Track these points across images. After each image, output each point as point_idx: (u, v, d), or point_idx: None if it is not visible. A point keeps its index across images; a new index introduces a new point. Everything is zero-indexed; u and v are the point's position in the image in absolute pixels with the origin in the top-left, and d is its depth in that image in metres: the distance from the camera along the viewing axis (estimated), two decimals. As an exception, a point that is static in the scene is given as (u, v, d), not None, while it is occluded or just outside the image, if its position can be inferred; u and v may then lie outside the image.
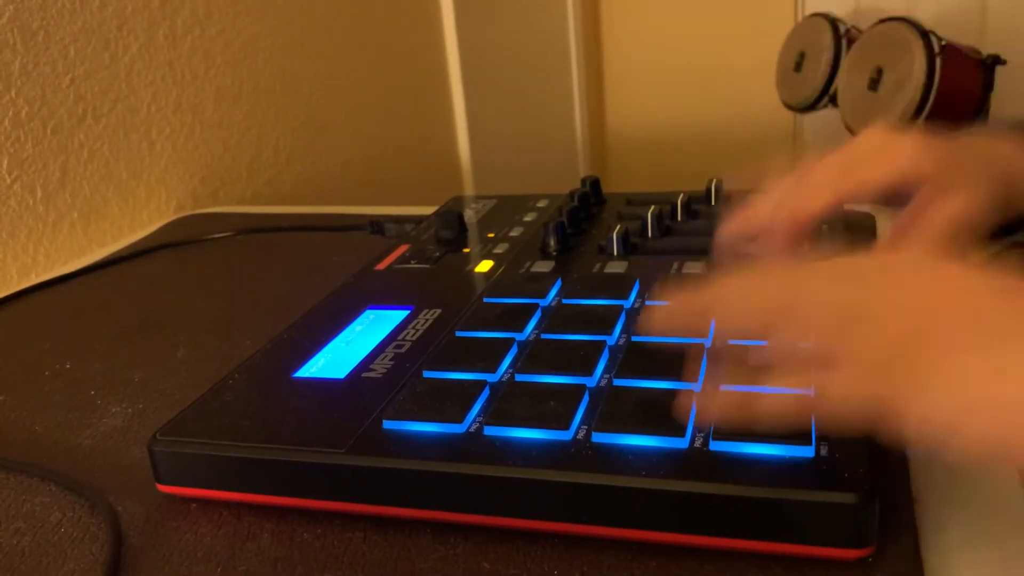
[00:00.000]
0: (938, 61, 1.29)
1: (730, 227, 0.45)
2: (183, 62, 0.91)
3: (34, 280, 0.72)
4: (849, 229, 0.54)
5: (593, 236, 0.58)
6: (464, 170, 1.49)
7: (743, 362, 0.35)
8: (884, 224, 0.63)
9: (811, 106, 1.52)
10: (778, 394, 0.31)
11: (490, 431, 0.35)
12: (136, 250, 0.75)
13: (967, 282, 0.29)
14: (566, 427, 0.35)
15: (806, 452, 0.32)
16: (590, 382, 0.38)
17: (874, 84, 1.36)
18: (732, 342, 0.40)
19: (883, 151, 0.43)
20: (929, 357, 0.28)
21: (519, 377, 0.39)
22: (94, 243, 0.81)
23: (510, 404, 0.36)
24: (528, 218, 0.64)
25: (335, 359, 0.43)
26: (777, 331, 0.31)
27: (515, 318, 0.45)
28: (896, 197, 0.44)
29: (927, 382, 0.27)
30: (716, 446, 0.33)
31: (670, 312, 0.35)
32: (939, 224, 0.41)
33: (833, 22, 1.48)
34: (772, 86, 1.61)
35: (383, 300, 0.51)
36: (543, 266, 0.54)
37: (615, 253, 0.54)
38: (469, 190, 1.50)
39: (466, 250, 0.59)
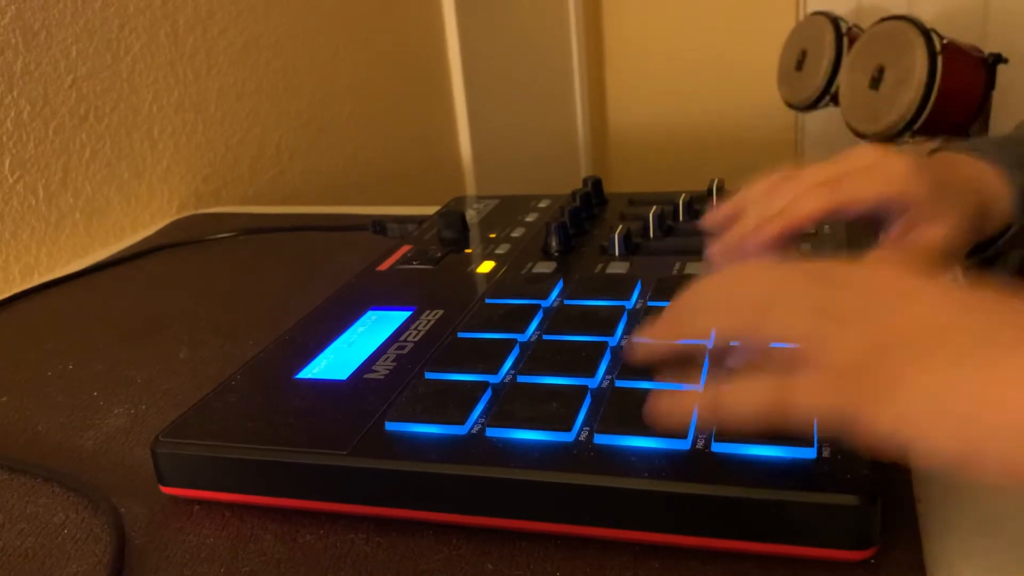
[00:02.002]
0: (939, 60, 1.29)
1: (719, 239, 0.45)
2: (185, 62, 0.91)
3: (37, 280, 0.72)
4: (851, 230, 0.54)
5: (595, 236, 0.58)
6: (466, 170, 1.50)
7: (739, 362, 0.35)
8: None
9: (812, 105, 1.52)
10: (748, 394, 0.31)
11: (492, 432, 0.35)
12: (139, 250, 0.75)
13: (938, 297, 0.30)
14: (568, 429, 0.35)
15: (808, 454, 0.32)
16: (592, 383, 0.38)
17: (875, 83, 1.36)
18: (734, 343, 0.40)
19: (876, 170, 0.43)
20: (896, 367, 0.28)
21: (521, 378, 0.39)
22: (96, 243, 0.81)
23: (512, 405, 0.36)
24: (530, 218, 0.64)
25: (337, 360, 0.43)
26: (752, 330, 0.32)
27: (517, 319, 0.45)
28: (877, 218, 0.44)
29: (893, 391, 0.28)
30: (718, 448, 0.33)
31: (658, 320, 0.35)
32: (922, 248, 0.43)
33: (835, 21, 1.48)
34: (774, 85, 1.61)
35: (385, 301, 0.51)
36: (545, 267, 0.54)
37: (617, 253, 0.54)
38: (470, 190, 1.50)
39: (468, 251, 0.59)
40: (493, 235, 0.61)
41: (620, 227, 0.55)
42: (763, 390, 0.30)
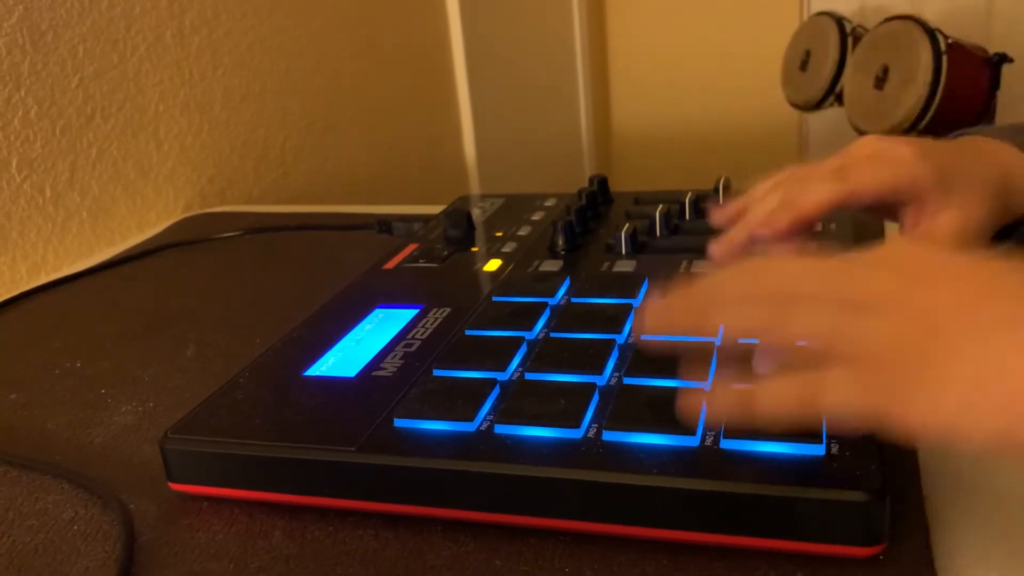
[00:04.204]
0: (944, 59, 1.29)
1: (725, 235, 0.45)
2: (191, 62, 0.91)
3: (44, 279, 0.72)
4: (858, 228, 0.54)
5: (601, 235, 0.58)
6: (470, 169, 1.50)
7: (750, 360, 0.35)
8: (891, 226, 0.63)
9: (817, 105, 1.52)
10: (778, 393, 0.30)
11: (501, 429, 0.35)
12: (144, 249, 0.76)
13: (965, 268, 0.29)
14: (576, 425, 0.35)
15: (817, 450, 0.32)
16: (600, 381, 0.38)
17: (880, 83, 1.36)
18: (743, 340, 0.40)
19: (880, 157, 0.43)
20: (928, 356, 0.27)
21: (529, 376, 0.39)
22: (103, 242, 0.82)
23: (520, 402, 0.37)
24: (536, 217, 0.64)
25: (345, 358, 0.44)
26: (774, 328, 0.31)
27: (524, 317, 0.45)
28: (888, 207, 0.44)
29: (925, 382, 0.27)
30: (726, 444, 0.33)
31: (667, 309, 0.34)
32: (939, 237, 0.42)
33: (839, 21, 1.48)
34: (778, 85, 1.61)
35: (392, 299, 0.51)
36: (552, 265, 0.54)
37: (623, 252, 0.54)
38: (475, 189, 1.50)
39: (474, 249, 0.59)
40: (499, 234, 0.61)
41: (626, 226, 0.55)
42: (791, 389, 0.30)
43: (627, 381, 0.38)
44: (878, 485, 0.30)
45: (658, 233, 0.57)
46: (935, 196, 0.42)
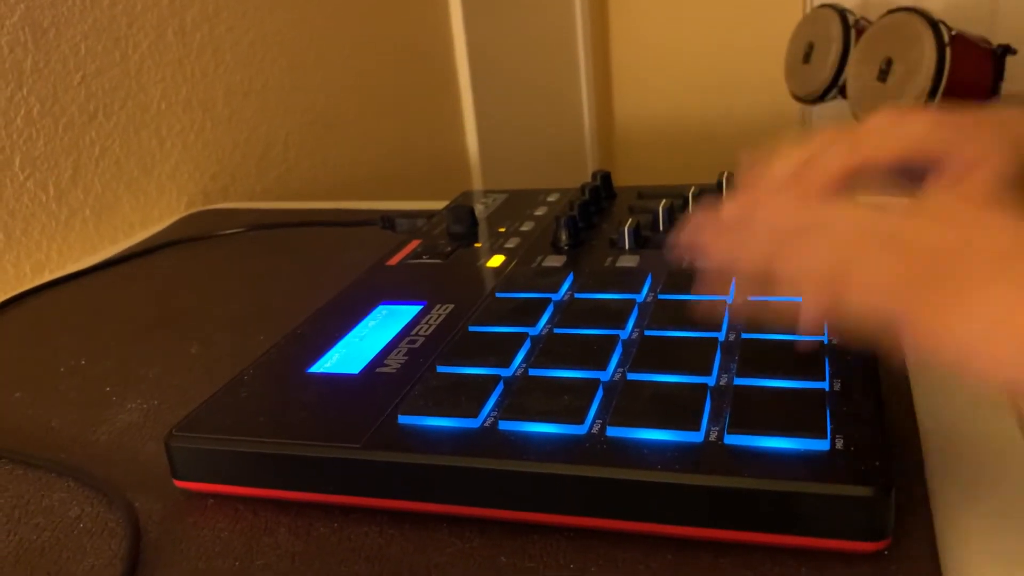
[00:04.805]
0: (948, 51, 1.28)
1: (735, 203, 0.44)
2: (192, 59, 0.91)
3: (48, 277, 0.72)
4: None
5: (604, 230, 0.58)
6: (472, 165, 1.50)
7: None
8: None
9: (820, 97, 1.52)
10: (806, 265, 0.31)
11: (505, 425, 0.35)
12: (148, 246, 0.76)
13: (1000, 220, 0.29)
14: (581, 421, 0.35)
15: (821, 445, 0.32)
16: (604, 376, 0.38)
17: (883, 75, 1.36)
18: (745, 337, 0.40)
19: (893, 128, 0.42)
20: (958, 277, 0.27)
21: (533, 372, 0.39)
22: (106, 240, 0.82)
23: (524, 399, 0.37)
24: (539, 212, 0.64)
25: (349, 354, 0.44)
26: (800, 246, 0.32)
27: (528, 313, 0.45)
28: (906, 178, 0.42)
29: (953, 302, 0.27)
30: (731, 440, 0.33)
31: (697, 227, 0.35)
32: (968, 194, 0.40)
33: (842, 13, 1.47)
34: (781, 78, 1.61)
35: (396, 295, 0.51)
36: (555, 260, 0.54)
37: (627, 247, 0.54)
38: (477, 185, 1.50)
39: (477, 245, 0.59)
40: (502, 229, 0.61)
41: (629, 220, 0.55)
42: (822, 265, 0.30)
43: (631, 377, 0.38)
44: (883, 480, 0.30)
45: (661, 228, 0.57)
46: (958, 157, 0.41)
